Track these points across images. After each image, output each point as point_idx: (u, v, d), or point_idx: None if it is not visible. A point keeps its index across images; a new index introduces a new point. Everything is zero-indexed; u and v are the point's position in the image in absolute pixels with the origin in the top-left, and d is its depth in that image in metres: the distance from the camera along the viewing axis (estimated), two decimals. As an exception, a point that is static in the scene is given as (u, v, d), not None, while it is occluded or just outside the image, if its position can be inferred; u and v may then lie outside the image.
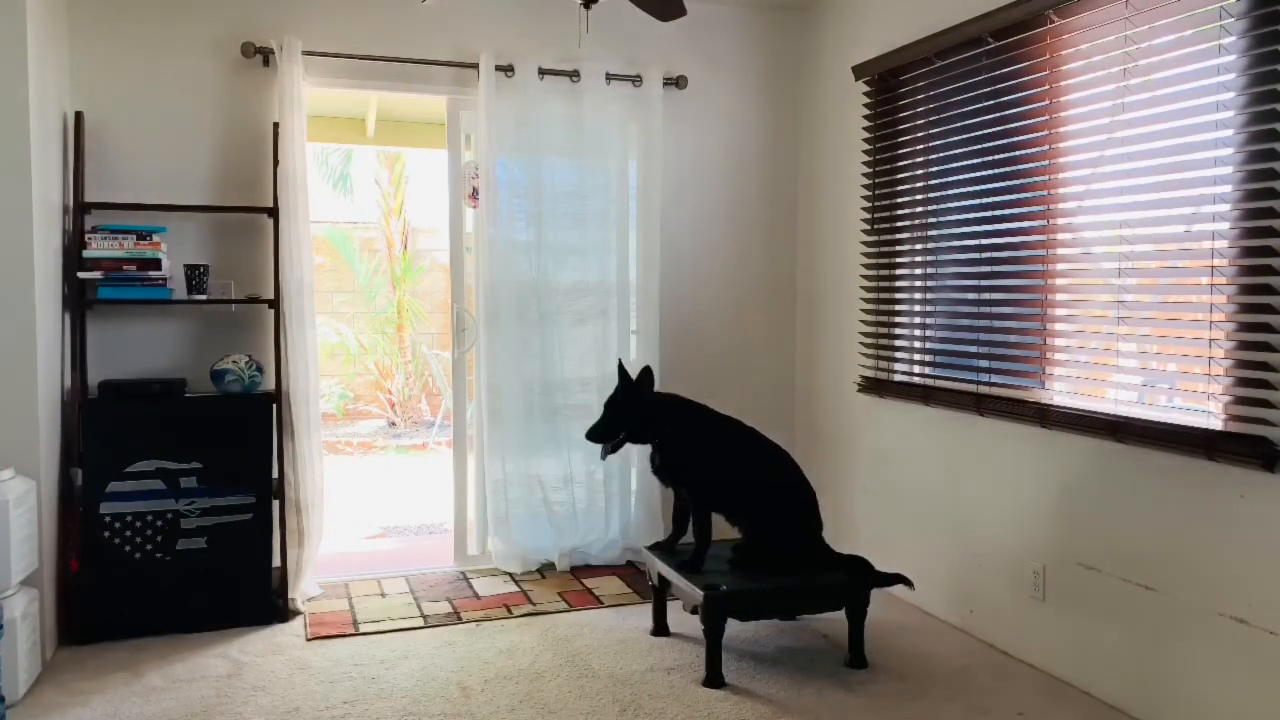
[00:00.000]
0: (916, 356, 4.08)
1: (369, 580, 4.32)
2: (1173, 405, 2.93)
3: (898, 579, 3.42)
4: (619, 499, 4.60)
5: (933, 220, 3.93)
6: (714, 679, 3.20)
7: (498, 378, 4.36)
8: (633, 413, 3.50)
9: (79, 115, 3.74)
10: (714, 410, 3.62)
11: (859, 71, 4.23)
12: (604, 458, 3.59)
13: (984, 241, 3.62)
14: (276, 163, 3.91)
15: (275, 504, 3.85)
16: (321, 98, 4.59)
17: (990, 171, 3.56)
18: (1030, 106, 3.36)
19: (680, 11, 3.17)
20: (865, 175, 4.27)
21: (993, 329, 3.58)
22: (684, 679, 3.25)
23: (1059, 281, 3.30)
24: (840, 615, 3.37)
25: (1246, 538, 2.62)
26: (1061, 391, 3.32)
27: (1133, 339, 2.99)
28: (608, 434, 3.50)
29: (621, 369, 3.62)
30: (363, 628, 3.73)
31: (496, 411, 4.37)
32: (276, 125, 3.93)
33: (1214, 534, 2.71)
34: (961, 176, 3.73)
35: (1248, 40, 2.59)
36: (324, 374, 6.81)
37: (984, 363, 3.62)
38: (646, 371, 3.55)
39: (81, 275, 3.66)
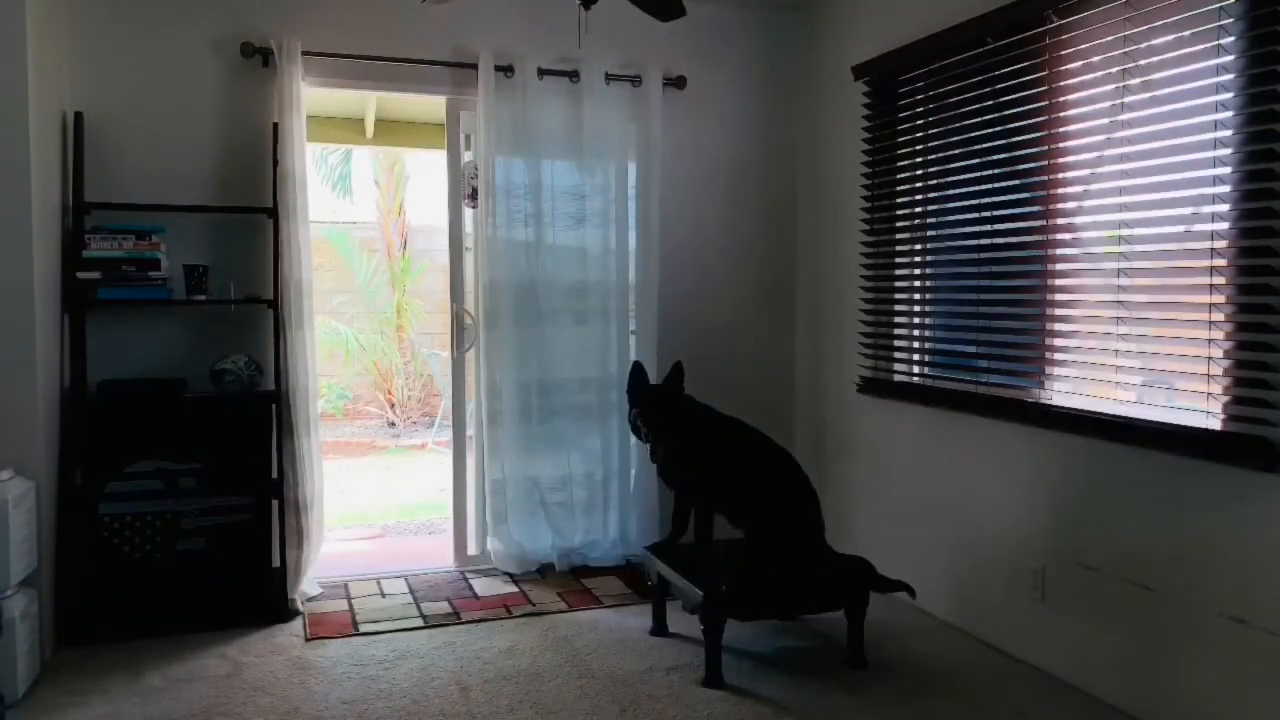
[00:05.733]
0: (916, 357, 4.08)
1: (368, 580, 4.32)
2: (1172, 405, 2.93)
3: (900, 586, 3.39)
4: (618, 499, 4.59)
5: (932, 220, 3.93)
6: (714, 679, 3.20)
7: (497, 378, 4.36)
8: (658, 407, 3.65)
9: (79, 115, 3.74)
10: (717, 410, 3.62)
11: (859, 71, 4.23)
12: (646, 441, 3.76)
13: (984, 242, 3.62)
14: (276, 163, 3.91)
15: (275, 504, 3.85)
16: (320, 98, 4.59)
17: (990, 172, 3.56)
18: (1030, 107, 3.36)
19: (680, 12, 3.16)
20: (865, 175, 4.27)
21: (992, 329, 3.58)
22: (684, 679, 3.25)
23: (1058, 282, 3.30)
24: (840, 615, 3.37)
25: (1246, 538, 2.62)
26: (1061, 391, 3.32)
27: (1132, 339, 2.99)
28: (636, 424, 3.67)
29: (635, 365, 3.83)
30: (362, 628, 3.73)
31: (496, 412, 4.36)
32: (276, 125, 3.93)
33: (1214, 534, 2.71)
34: (961, 177, 3.72)
35: (1247, 40, 2.59)
36: (323, 374, 6.80)
37: (983, 363, 3.62)
38: (677, 368, 3.72)
39: (81, 275, 3.65)
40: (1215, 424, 2.74)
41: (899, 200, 4.11)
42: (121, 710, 3.01)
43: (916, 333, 4.09)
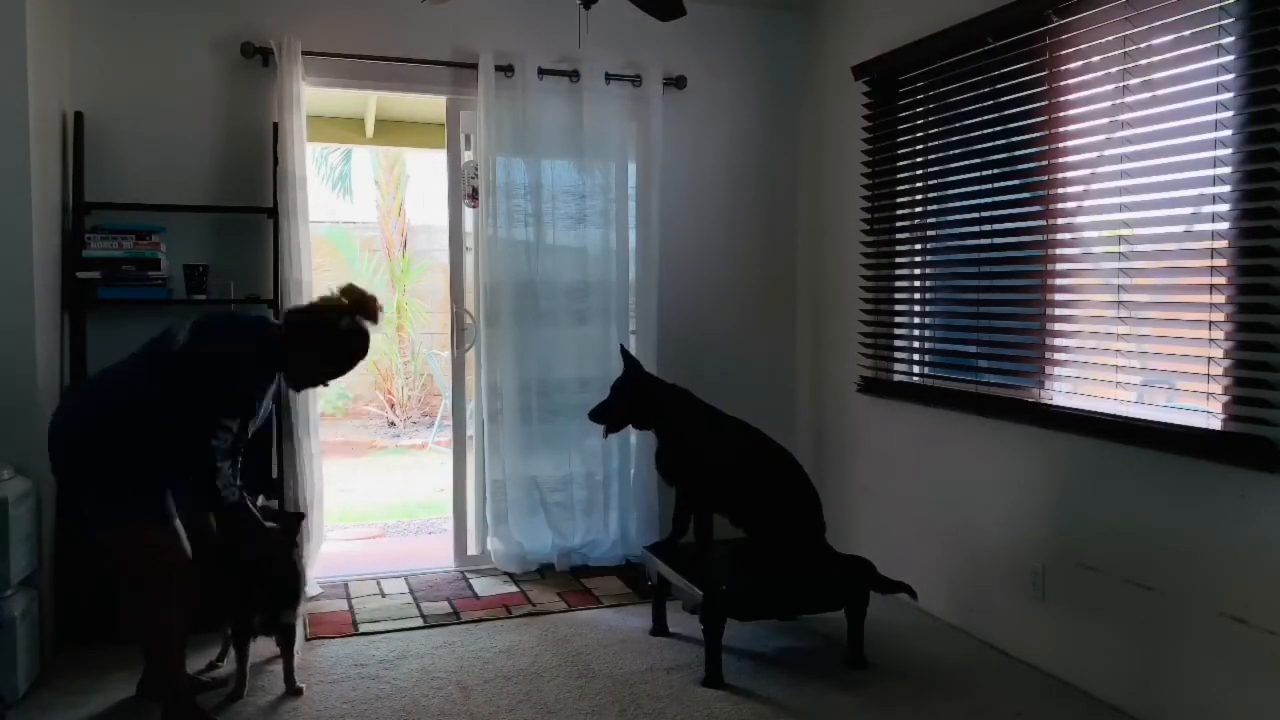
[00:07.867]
0: (916, 357, 4.08)
1: (368, 580, 4.32)
2: (1173, 405, 2.93)
3: (901, 587, 3.38)
4: (618, 499, 4.59)
5: (933, 220, 3.93)
6: (714, 679, 3.20)
7: (497, 378, 4.36)
8: (637, 398, 3.65)
9: (79, 115, 3.74)
10: (719, 410, 3.62)
11: (859, 72, 4.23)
12: (605, 436, 3.81)
13: (984, 242, 3.62)
14: (276, 163, 3.91)
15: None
16: (321, 97, 4.59)
17: (990, 171, 3.56)
18: (1030, 106, 3.36)
19: (680, 11, 3.16)
20: (865, 175, 4.27)
21: (992, 329, 3.58)
22: (684, 679, 3.25)
23: (1058, 281, 3.30)
24: (840, 615, 3.37)
25: (1246, 538, 2.62)
26: (1061, 391, 3.32)
27: (1132, 339, 2.99)
28: (608, 415, 3.66)
29: (625, 353, 3.78)
30: (362, 628, 3.73)
31: (496, 412, 4.37)
32: (276, 125, 3.93)
33: (1214, 534, 2.71)
34: (961, 177, 3.73)
35: (1247, 40, 2.59)
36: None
37: (984, 363, 3.62)
38: (635, 362, 3.76)
39: (81, 275, 3.66)
40: (1215, 424, 2.74)
41: (899, 200, 4.11)
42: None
43: (916, 333, 4.09)
